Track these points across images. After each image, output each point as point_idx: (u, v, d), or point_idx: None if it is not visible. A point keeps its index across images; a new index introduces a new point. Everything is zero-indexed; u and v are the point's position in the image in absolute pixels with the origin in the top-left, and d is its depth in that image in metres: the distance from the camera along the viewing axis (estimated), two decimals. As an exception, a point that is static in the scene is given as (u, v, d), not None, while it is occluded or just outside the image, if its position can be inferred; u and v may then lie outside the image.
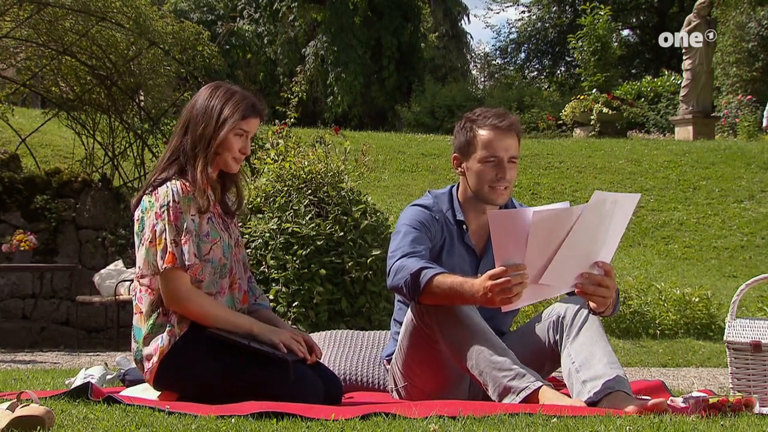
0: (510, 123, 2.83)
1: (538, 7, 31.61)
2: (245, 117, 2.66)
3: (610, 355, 2.58)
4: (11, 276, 7.12)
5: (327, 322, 4.88)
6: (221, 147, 2.65)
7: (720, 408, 2.36)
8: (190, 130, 2.68)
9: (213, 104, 2.66)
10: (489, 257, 2.87)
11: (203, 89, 2.74)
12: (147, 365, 2.60)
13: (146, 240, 2.57)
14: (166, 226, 2.55)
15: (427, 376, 2.74)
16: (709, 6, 15.56)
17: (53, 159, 9.00)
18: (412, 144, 12.88)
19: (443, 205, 2.89)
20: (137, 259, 2.62)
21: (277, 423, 2.12)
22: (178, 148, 2.69)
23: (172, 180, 2.62)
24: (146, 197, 2.63)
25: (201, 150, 2.64)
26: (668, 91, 18.86)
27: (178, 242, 2.55)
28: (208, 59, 7.61)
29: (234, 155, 2.68)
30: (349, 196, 5.23)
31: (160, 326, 2.59)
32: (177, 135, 2.73)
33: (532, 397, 2.46)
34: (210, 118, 2.65)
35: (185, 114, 2.72)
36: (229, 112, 2.65)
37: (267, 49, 24.18)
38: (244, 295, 2.72)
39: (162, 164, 2.71)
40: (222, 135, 2.64)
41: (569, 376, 2.58)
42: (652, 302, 6.84)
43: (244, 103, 2.68)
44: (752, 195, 10.89)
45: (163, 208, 2.57)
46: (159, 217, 2.57)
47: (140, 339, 2.62)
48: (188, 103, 2.75)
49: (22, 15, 7.38)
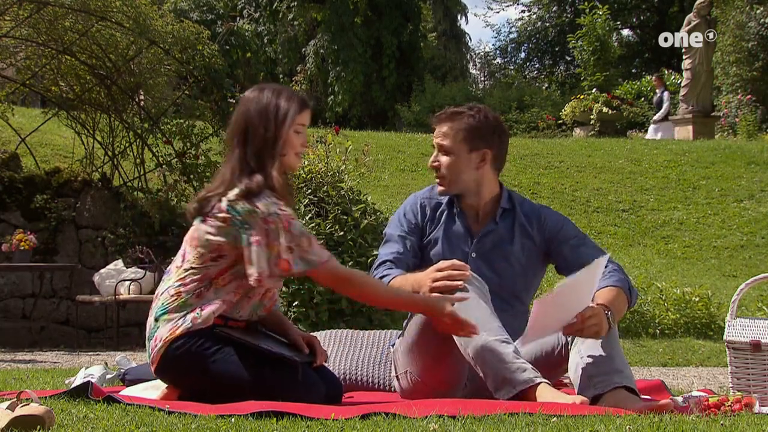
0: (442, 113, 2.98)
1: (538, 6, 31.59)
2: (300, 110, 2.64)
3: (618, 352, 2.60)
4: (11, 275, 7.12)
5: (327, 321, 4.89)
6: (286, 146, 2.62)
7: (720, 407, 2.36)
8: (251, 135, 2.60)
9: (268, 104, 2.61)
10: (484, 239, 2.94)
11: (248, 96, 2.68)
12: (156, 345, 2.56)
13: (261, 242, 2.50)
14: (281, 233, 2.51)
15: (428, 365, 2.74)
16: (709, 5, 15.55)
17: (53, 158, 8.99)
18: (412, 143, 12.87)
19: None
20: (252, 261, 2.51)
21: (276, 422, 2.12)
22: (244, 155, 2.60)
23: (266, 191, 2.55)
24: (241, 203, 2.53)
25: (268, 155, 2.59)
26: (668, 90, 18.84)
27: (292, 248, 2.52)
28: (208, 59, 7.60)
29: (297, 151, 2.66)
30: (349, 195, 5.24)
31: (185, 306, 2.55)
32: (238, 145, 2.62)
33: (529, 392, 2.47)
34: (268, 119, 2.60)
35: (239, 122, 2.64)
36: (285, 108, 2.61)
37: (267, 49, 24.18)
38: (271, 305, 2.69)
39: (238, 173, 2.58)
40: (284, 134, 2.60)
41: (576, 369, 2.59)
42: (652, 302, 6.84)
43: (296, 96, 2.66)
44: (752, 194, 10.89)
45: (272, 215, 2.51)
46: (271, 222, 2.51)
47: (158, 319, 2.58)
48: (236, 111, 2.68)
49: (21, 14, 7.38)
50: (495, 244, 2.91)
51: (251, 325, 2.66)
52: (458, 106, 2.98)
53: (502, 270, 2.89)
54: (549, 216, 2.97)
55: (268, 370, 2.53)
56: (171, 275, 2.63)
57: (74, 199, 7.40)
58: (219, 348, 2.53)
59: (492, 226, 2.93)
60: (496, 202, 2.97)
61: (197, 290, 2.56)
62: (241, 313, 2.61)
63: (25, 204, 7.26)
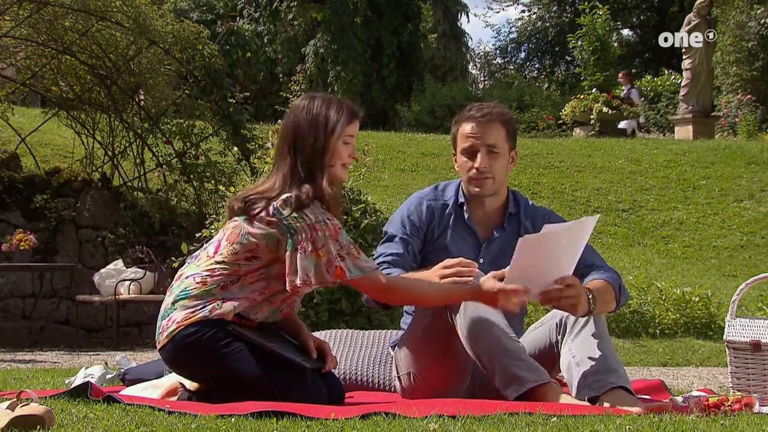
0: (485, 113, 2.87)
1: (538, 6, 31.59)
2: (349, 121, 2.64)
3: (611, 351, 2.59)
4: (11, 275, 7.12)
5: (327, 321, 4.89)
6: (334, 157, 2.62)
7: (720, 407, 2.36)
8: (300, 146, 2.61)
9: (318, 114, 2.62)
10: (491, 245, 2.91)
11: (297, 106, 2.68)
12: (168, 326, 2.55)
13: (307, 249, 2.51)
14: (329, 241, 2.53)
15: (432, 365, 2.75)
16: (709, 5, 15.54)
17: (53, 158, 8.99)
18: (412, 143, 12.87)
19: (449, 193, 2.97)
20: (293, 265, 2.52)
21: (276, 422, 2.12)
22: (295, 164, 2.60)
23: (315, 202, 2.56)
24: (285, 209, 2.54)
25: (317, 165, 2.59)
26: (668, 90, 18.85)
27: (344, 256, 2.54)
28: (208, 58, 7.60)
29: (344, 162, 2.66)
30: (349, 195, 5.24)
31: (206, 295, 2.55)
32: (284, 156, 2.64)
33: (536, 391, 2.47)
34: (319, 129, 2.60)
35: (289, 131, 2.64)
36: (335, 120, 2.61)
37: (267, 49, 24.16)
38: (288, 311, 2.69)
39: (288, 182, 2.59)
40: (332, 145, 2.61)
41: (569, 369, 2.59)
42: (652, 301, 6.84)
43: (345, 106, 2.66)
44: (752, 194, 10.89)
45: (320, 223, 2.53)
46: (317, 230, 2.53)
47: (176, 302, 2.57)
48: (286, 120, 2.69)
49: (21, 14, 7.38)
50: (503, 250, 2.89)
51: (265, 326, 2.66)
52: (487, 104, 2.93)
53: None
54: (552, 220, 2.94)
55: (276, 372, 2.53)
56: (200, 262, 2.63)
57: (74, 199, 7.40)
58: (230, 341, 2.52)
59: (500, 231, 2.92)
60: (505, 205, 2.96)
61: (223, 283, 2.57)
62: (258, 315, 2.61)
63: (25, 204, 7.26)
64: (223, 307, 2.53)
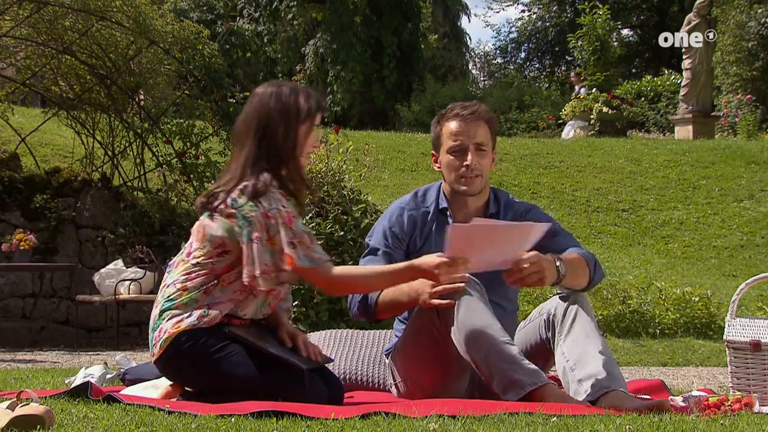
0: (473, 111, 2.86)
1: (538, 6, 31.58)
2: (318, 109, 2.63)
3: (604, 351, 2.58)
4: (11, 275, 7.12)
5: (327, 321, 4.89)
6: (304, 143, 2.61)
7: (720, 407, 2.36)
8: (269, 134, 2.58)
9: (288, 102, 2.59)
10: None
11: (263, 92, 2.64)
12: (160, 337, 2.54)
13: (262, 238, 2.50)
14: (281, 229, 2.50)
15: (428, 371, 2.74)
16: (709, 5, 15.54)
17: (53, 158, 8.99)
18: (412, 143, 12.87)
19: (429, 199, 2.94)
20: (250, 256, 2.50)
21: (276, 422, 2.12)
22: (258, 156, 2.58)
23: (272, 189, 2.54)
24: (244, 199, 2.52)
25: (285, 155, 2.58)
26: (668, 90, 18.83)
27: (295, 244, 2.51)
28: (208, 58, 7.60)
29: (308, 151, 2.66)
30: (349, 195, 5.24)
31: (192, 303, 2.55)
32: (244, 143, 2.61)
33: (536, 393, 2.46)
34: (290, 118, 2.58)
35: (255, 118, 2.61)
36: (304, 107, 2.60)
37: (267, 48, 24.16)
38: (275, 304, 2.68)
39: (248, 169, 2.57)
40: (302, 134, 2.59)
41: (564, 374, 2.59)
42: (652, 301, 6.84)
43: (311, 94, 2.64)
44: (752, 194, 10.89)
45: (273, 210, 2.51)
46: (270, 218, 2.50)
47: (164, 312, 2.57)
48: (251, 106, 2.64)
49: (21, 14, 7.38)
50: None
51: (257, 323, 2.65)
52: (470, 103, 2.93)
53: (494, 275, 2.88)
54: (534, 216, 2.91)
55: (271, 373, 2.52)
56: (178, 268, 2.62)
57: (74, 198, 7.40)
58: (224, 345, 2.52)
59: None
60: (486, 205, 2.94)
61: (204, 286, 2.56)
62: (246, 312, 2.61)
63: (25, 204, 7.26)
64: (210, 314, 2.53)
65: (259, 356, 2.53)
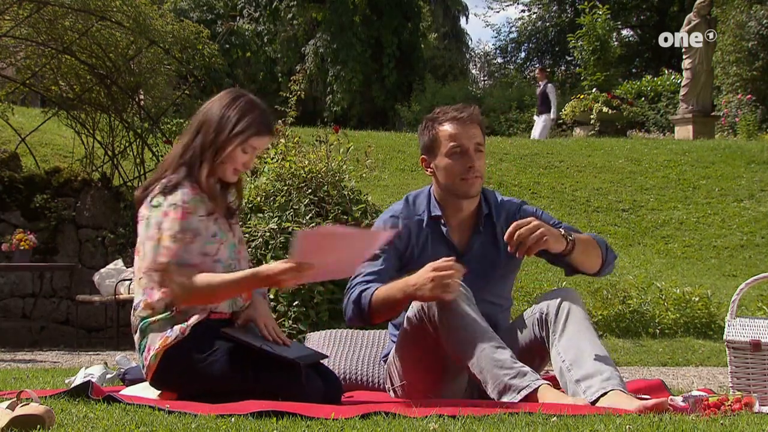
0: (470, 113, 2.86)
1: (538, 6, 31.57)
2: (257, 134, 2.65)
3: (599, 349, 2.57)
4: (11, 275, 7.12)
5: (327, 321, 4.88)
6: (227, 158, 2.65)
7: (719, 407, 2.36)
8: (202, 132, 2.66)
9: (229, 114, 2.64)
10: (471, 253, 2.86)
11: (223, 94, 2.71)
12: (148, 356, 2.57)
13: (153, 237, 2.56)
14: (171, 224, 2.55)
15: (425, 374, 2.74)
16: (709, 5, 15.54)
17: (53, 158, 8.99)
18: (412, 143, 12.86)
19: (420, 206, 2.90)
20: (143, 254, 2.59)
21: (276, 422, 2.12)
22: (188, 146, 2.67)
23: (183, 184, 2.60)
24: (156, 197, 2.60)
25: (208, 156, 2.63)
26: (668, 90, 18.85)
27: (179, 239, 2.53)
28: (208, 58, 7.61)
29: (236, 167, 2.68)
30: (349, 195, 5.23)
31: (169, 320, 2.57)
32: (189, 133, 2.70)
33: (531, 395, 2.46)
34: (223, 127, 2.63)
35: (200, 115, 2.70)
36: (242, 127, 2.63)
37: (267, 48, 24.17)
38: (249, 295, 2.70)
39: (174, 162, 2.67)
40: (230, 148, 2.63)
41: (561, 374, 2.58)
42: (652, 301, 6.84)
43: (260, 119, 2.66)
44: (752, 194, 10.89)
45: (171, 206, 2.56)
46: (166, 215, 2.56)
47: (145, 331, 2.59)
48: (205, 103, 2.73)
49: (21, 14, 7.38)
50: (482, 255, 2.87)
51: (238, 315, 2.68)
52: (462, 106, 2.91)
53: (490, 276, 2.87)
54: (524, 213, 2.89)
55: (268, 371, 2.53)
56: (137, 274, 2.65)
57: (74, 198, 7.40)
58: (214, 350, 2.54)
59: (476, 238, 2.88)
60: (479, 206, 2.91)
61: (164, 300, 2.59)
62: (220, 307, 2.63)
63: (25, 204, 7.26)
64: (189, 324, 2.56)
65: (253, 354, 2.54)
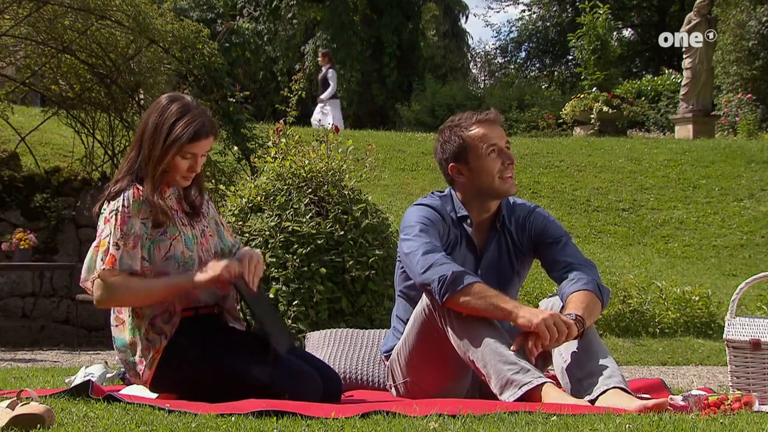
0: (495, 114, 2.91)
1: (538, 5, 31.58)
2: (194, 139, 2.62)
3: (601, 349, 2.58)
4: (11, 274, 7.12)
5: (327, 320, 4.88)
6: (169, 167, 2.64)
7: (719, 406, 2.36)
8: (143, 144, 2.66)
9: (163, 123, 2.62)
10: (489, 255, 2.89)
11: (157, 102, 2.70)
12: (141, 368, 2.59)
13: (95, 245, 2.58)
14: (112, 230, 2.55)
15: (430, 372, 2.74)
16: (710, 4, 15.54)
17: (53, 157, 8.99)
18: (413, 143, 12.86)
19: (447, 205, 2.91)
20: (86, 262, 2.62)
21: (277, 421, 2.12)
22: (133, 161, 2.68)
23: (126, 189, 2.62)
24: (105, 205, 2.63)
25: (150, 170, 2.62)
26: (668, 89, 18.84)
27: (119, 246, 2.54)
28: (208, 57, 7.59)
29: (182, 174, 2.67)
30: (349, 195, 5.23)
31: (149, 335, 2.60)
32: (134, 147, 2.71)
33: (533, 392, 2.46)
34: (158, 138, 2.61)
35: (141, 128, 2.69)
36: (175, 136, 2.61)
37: (267, 48, 24.16)
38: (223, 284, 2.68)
39: (119, 175, 2.69)
40: (168, 159, 2.61)
41: (562, 374, 2.59)
42: (652, 301, 6.84)
43: (195, 123, 2.63)
44: (752, 193, 10.89)
45: (112, 212, 2.58)
46: (107, 222, 2.58)
47: (126, 345, 2.62)
48: (144, 114, 2.73)
49: (21, 13, 7.37)
50: (498, 256, 2.89)
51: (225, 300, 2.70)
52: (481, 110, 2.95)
53: (503, 278, 2.89)
54: (535, 219, 2.93)
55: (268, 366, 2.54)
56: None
57: (74, 198, 7.40)
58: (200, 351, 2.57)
59: (493, 239, 2.91)
60: (499, 207, 2.93)
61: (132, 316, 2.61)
62: (200, 300, 2.65)
63: (25, 203, 7.26)
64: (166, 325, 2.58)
65: (247, 347, 2.57)
